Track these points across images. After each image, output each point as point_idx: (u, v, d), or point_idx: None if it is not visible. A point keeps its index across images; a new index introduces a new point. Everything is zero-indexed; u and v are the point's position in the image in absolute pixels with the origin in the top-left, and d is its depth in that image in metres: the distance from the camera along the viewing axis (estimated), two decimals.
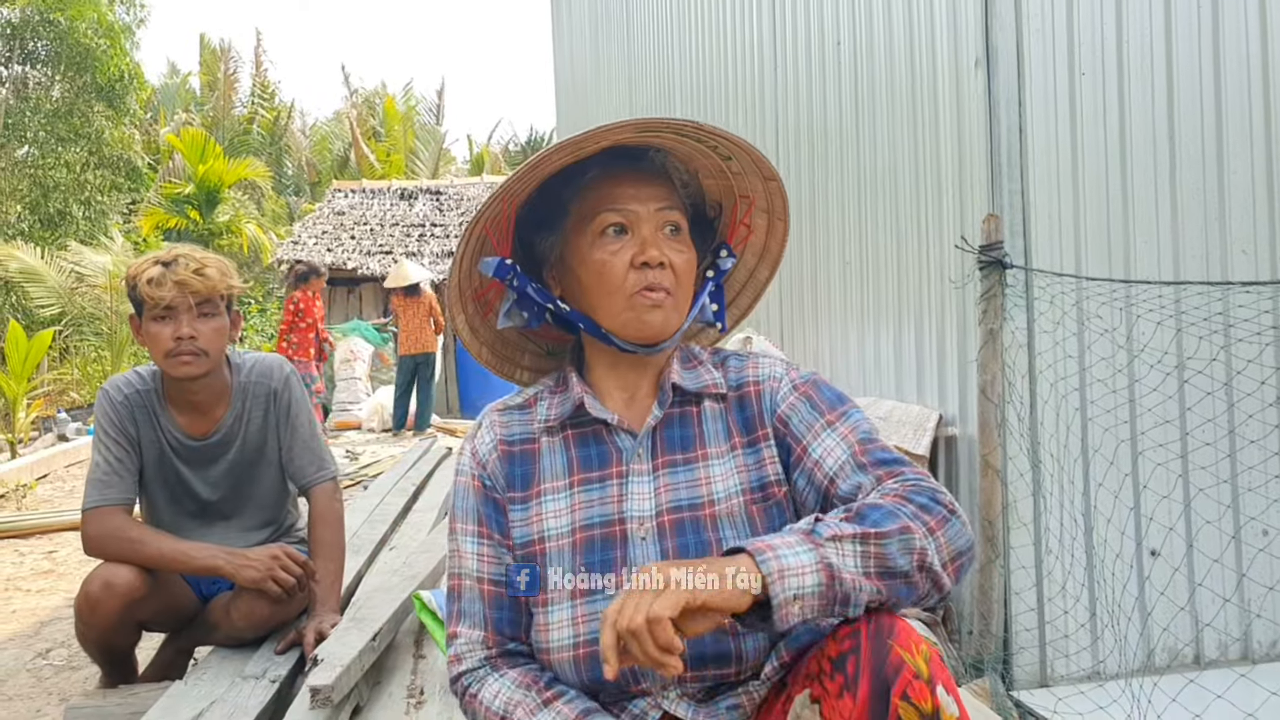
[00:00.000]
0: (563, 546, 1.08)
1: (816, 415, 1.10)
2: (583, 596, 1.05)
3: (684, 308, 1.13)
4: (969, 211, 2.72)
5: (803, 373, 1.16)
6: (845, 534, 0.90)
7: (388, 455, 7.07)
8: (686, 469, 1.10)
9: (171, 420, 2.18)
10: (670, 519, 1.07)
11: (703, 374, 1.16)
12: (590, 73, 8.55)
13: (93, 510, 2.08)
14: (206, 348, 2.08)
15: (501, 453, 1.15)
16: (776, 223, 1.21)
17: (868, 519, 0.92)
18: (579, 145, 1.06)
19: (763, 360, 1.17)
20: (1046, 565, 2.52)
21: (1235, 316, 2.60)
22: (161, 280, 2.04)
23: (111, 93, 14.14)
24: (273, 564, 2.05)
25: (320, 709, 1.70)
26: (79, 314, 12.13)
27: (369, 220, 13.32)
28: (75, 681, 2.64)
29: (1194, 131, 2.67)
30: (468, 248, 1.14)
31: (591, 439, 1.13)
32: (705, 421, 1.13)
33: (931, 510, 0.95)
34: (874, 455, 1.05)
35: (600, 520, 1.09)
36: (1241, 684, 2.16)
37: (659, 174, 1.15)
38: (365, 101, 24.75)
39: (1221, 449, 2.60)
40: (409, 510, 3.80)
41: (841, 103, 3.58)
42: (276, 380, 2.25)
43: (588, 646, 1.03)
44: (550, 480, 1.13)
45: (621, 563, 1.06)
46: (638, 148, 1.14)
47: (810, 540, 0.89)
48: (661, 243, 1.10)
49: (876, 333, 3.34)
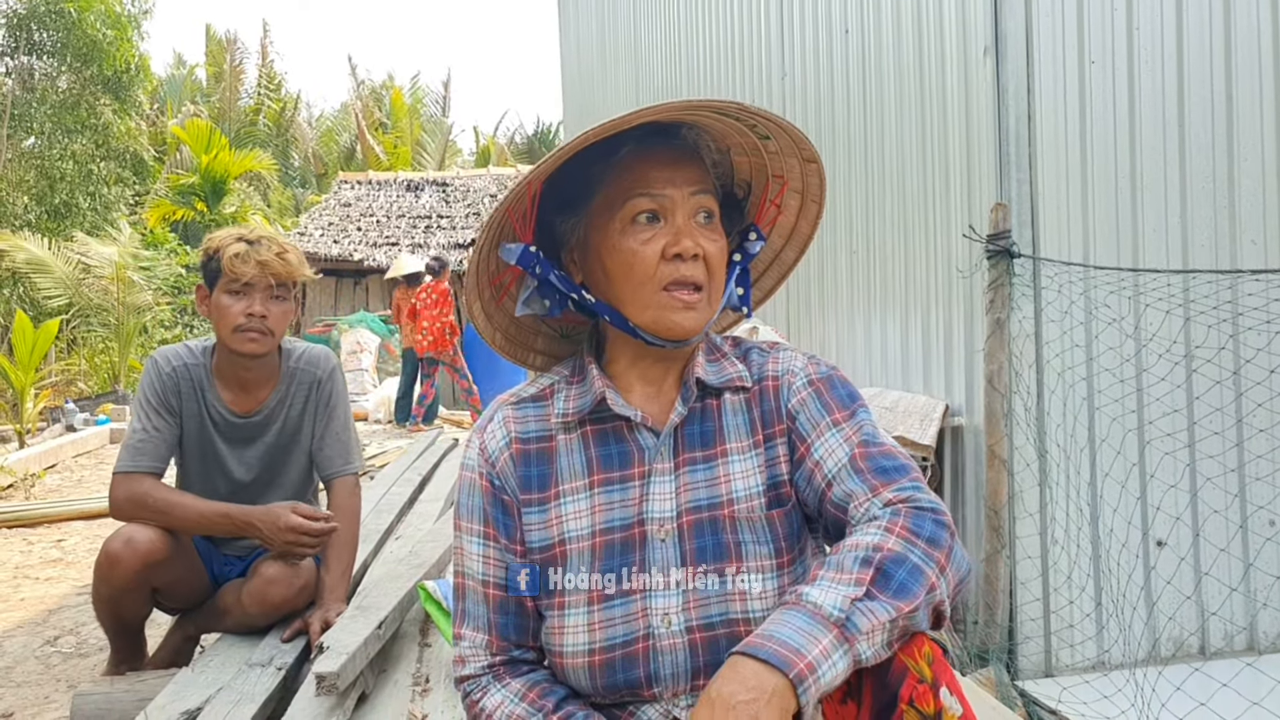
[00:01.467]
0: (583, 550, 1.04)
1: (824, 413, 1.05)
2: (600, 602, 1.02)
3: (716, 301, 1.07)
4: (976, 200, 2.71)
5: (822, 367, 1.10)
6: (880, 622, 0.84)
7: (394, 446, 7.09)
8: (706, 467, 1.06)
9: (217, 396, 2.23)
10: (690, 520, 1.03)
11: (726, 367, 1.10)
12: (597, 63, 8.53)
13: (123, 473, 2.12)
14: (274, 328, 2.15)
15: (515, 452, 1.09)
16: (810, 204, 1.15)
17: (893, 581, 0.86)
18: (618, 128, 0.99)
19: (784, 354, 1.12)
20: (1052, 555, 2.51)
21: (1244, 305, 2.58)
22: (246, 257, 2.09)
23: (118, 84, 14.16)
24: (290, 525, 2.08)
25: (326, 696, 1.70)
26: (86, 305, 12.17)
27: (375, 212, 13.33)
28: (83, 668, 2.66)
29: (1204, 120, 2.65)
30: (489, 233, 1.07)
31: (612, 436, 1.08)
32: (725, 415, 1.09)
33: (939, 543, 0.91)
34: (873, 461, 0.99)
35: (620, 523, 1.04)
36: (1247, 673, 2.16)
37: (692, 153, 1.07)
38: (372, 93, 24.76)
39: (1229, 438, 2.58)
40: (415, 500, 3.81)
41: (849, 90, 3.56)
42: (323, 370, 2.31)
43: (604, 653, 1.01)
44: (569, 481, 1.07)
45: (640, 565, 1.02)
46: (671, 124, 1.06)
47: (845, 639, 0.83)
48: (695, 232, 1.03)
49: (883, 323, 3.33)
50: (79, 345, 12.89)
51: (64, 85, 14.10)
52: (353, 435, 2.35)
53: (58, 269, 12.15)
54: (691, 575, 1.01)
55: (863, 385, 3.45)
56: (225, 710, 1.71)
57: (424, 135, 22.56)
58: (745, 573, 1.01)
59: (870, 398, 3.16)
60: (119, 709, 1.92)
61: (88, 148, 13.99)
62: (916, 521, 0.91)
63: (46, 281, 12.11)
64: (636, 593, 1.02)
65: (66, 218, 13.91)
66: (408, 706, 1.85)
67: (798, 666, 0.80)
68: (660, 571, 1.02)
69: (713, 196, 1.07)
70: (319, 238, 12.48)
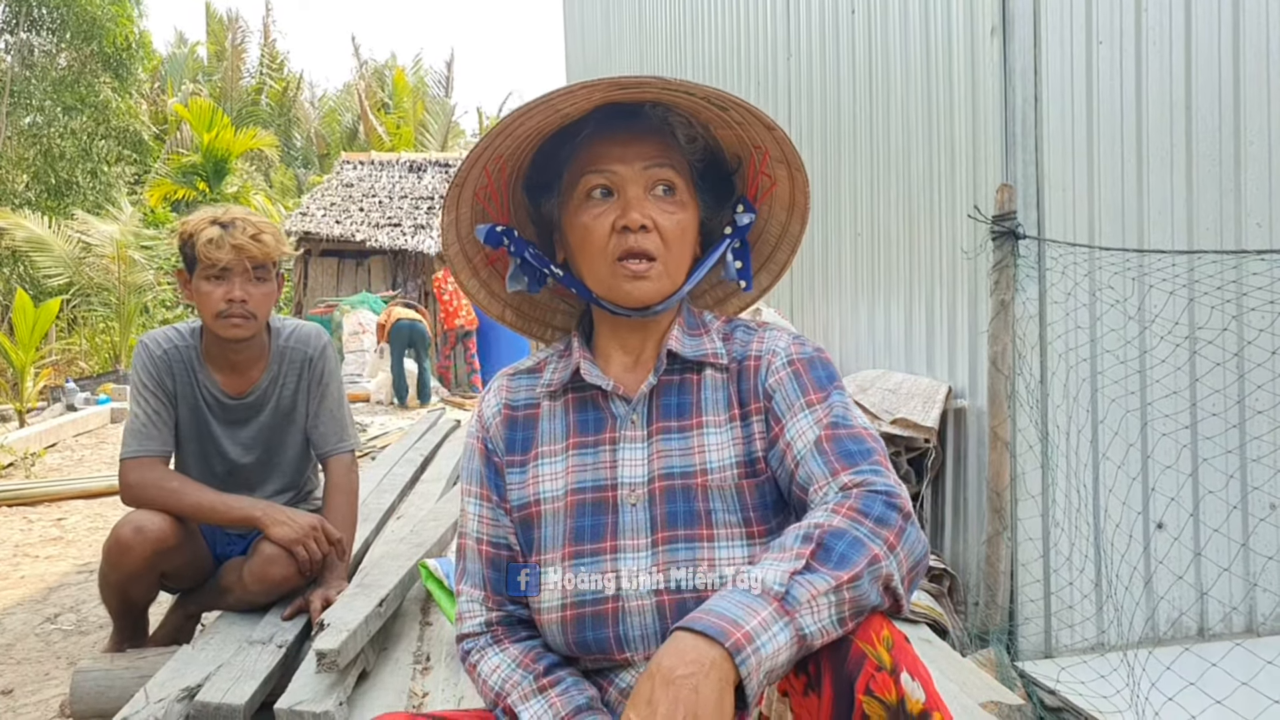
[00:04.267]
0: (557, 510, 1.08)
1: (799, 394, 1.06)
2: (572, 559, 1.05)
3: (676, 272, 1.09)
4: (982, 181, 2.69)
5: (805, 348, 1.12)
6: (820, 590, 0.84)
7: (396, 427, 7.10)
8: (681, 436, 1.08)
9: (209, 377, 2.21)
10: (661, 485, 1.05)
11: (705, 343, 1.13)
12: (601, 43, 8.47)
13: (132, 459, 2.11)
14: (256, 311, 2.12)
15: (505, 417, 1.16)
16: (795, 173, 1.15)
17: (833, 554, 0.86)
18: (551, 106, 1.03)
19: (769, 333, 1.14)
20: (1053, 537, 2.51)
21: (1249, 285, 2.57)
22: (220, 242, 2.05)
23: (118, 62, 14.09)
24: (311, 532, 2.09)
25: (326, 673, 1.71)
26: (87, 284, 12.16)
27: (378, 192, 13.29)
28: (84, 646, 2.67)
29: (1211, 102, 2.62)
30: (458, 214, 1.14)
31: (590, 404, 1.13)
32: (705, 390, 1.11)
33: (888, 522, 0.90)
34: (839, 443, 1.00)
35: (593, 485, 1.08)
36: (1244, 655, 2.16)
37: (655, 131, 1.10)
38: (375, 73, 24.63)
39: (1230, 419, 2.58)
40: (417, 480, 3.82)
41: (855, 70, 3.53)
42: (313, 348, 2.28)
43: (575, 609, 1.03)
44: (548, 444, 1.13)
45: (612, 529, 1.05)
46: (633, 105, 1.10)
47: (785, 612, 0.83)
48: (648, 204, 1.06)
49: (887, 305, 3.32)
50: (80, 324, 12.90)
51: (64, 62, 14.03)
52: (347, 412, 2.34)
53: (58, 248, 12.12)
54: (662, 540, 1.03)
55: (866, 367, 3.44)
56: (226, 687, 1.71)
57: (427, 116, 22.45)
58: (715, 540, 1.02)
59: (873, 380, 3.15)
60: (119, 686, 1.92)
61: (88, 125, 13.93)
62: (866, 502, 0.92)
63: (47, 260, 12.09)
64: (607, 553, 1.04)
65: (67, 196, 13.88)
66: (408, 684, 1.86)
67: (734, 636, 0.80)
68: (631, 535, 1.04)
69: (674, 170, 1.09)
70: (321, 218, 12.45)
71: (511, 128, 1.06)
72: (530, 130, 1.08)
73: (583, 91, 1.02)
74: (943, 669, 2.04)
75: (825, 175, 3.79)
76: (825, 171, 3.79)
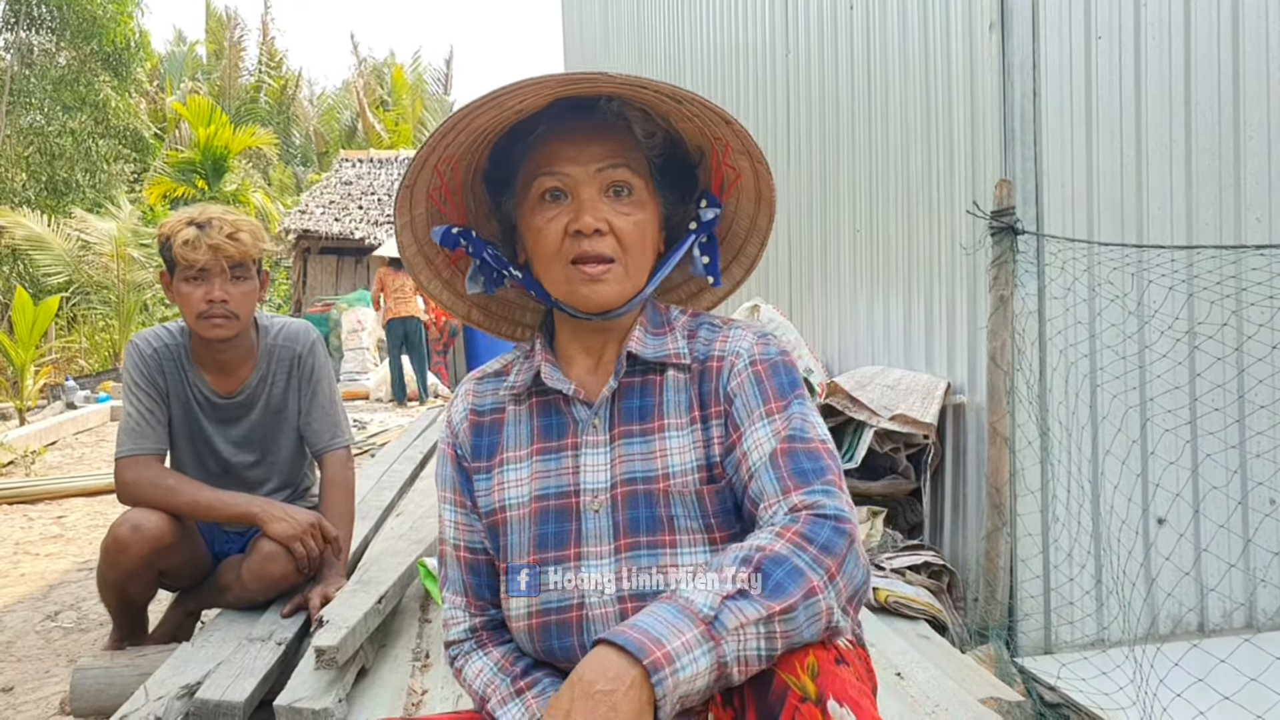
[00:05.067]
0: (522, 516, 1.07)
1: (759, 402, 1.03)
2: (537, 565, 1.04)
3: (637, 273, 1.06)
4: (981, 177, 2.68)
5: (769, 349, 1.08)
6: (749, 619, 0.82)
7: (395, 424, 7.10)
8: (643, 440, 1.06)
9: (199, 376, 2.21)
10: (624, 491, 1.03)
11: (668, 343, 1.09)
12: (600, 42, 8.46)
13: (127, 458, 2.11)
14: (237, 310, 2.11)
15: (471, 423, 1.14)
16: (758, 165, 1.12)
17: (769, 581, 0.84)
18: (500, 103, 1.00)
19: (734, 332, 1.10)
20: (1053, 533, 2.51)
21: (1248, 280, 2.57)
22: (196, 243, 2.04)
23: (118, 60, 14.07)
24: (309, 529, 2.09)
25: (325, 670, 1.71)
26: (86, 282, 12.15)
27: (376, 190, 13.28)
28: (84, 643, 2.67)
29: (1210, 97, 2.62)
30: (412, 215, 1.11)
31: (553, 408, 1.10)
32: (667, 391, 1.07)
33: (832, 549, 0.88)
34: (794, 459, 0.97)
35: (556, 491, 1.06)
36: (1247, 650, 2.16)
37: (612, 127, 1.06)
38: (374, 71, 24.60)
39: (1230, 414, 2.57)
40: (416, 477, 3.82)
41: (854, 66, 3.52)
42: (302, 345, 2.28)
43: (540, 617, 1.03)
44: (513, 449, 1.11)
45: (576, 536, 1.04)
46: (588, 99, 1.06)
47: (711, 636, 0.81)
48: (602, 206, 1.03)
49: (886, 300, 3.31)
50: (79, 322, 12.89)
51: (63, 61, 14.01)
52: (340, 408, 2.33)
53: (57, 246, 12.11)
54: (625, 546, 1.02)
55: (866, 363, 3.44)
56: (225, 684, 1.71)
57: (426, 113, 22.43)
58: (678, 546, 1.01)
59: (873, 376, 3.14)
60: (119, 683, 1.93)
61: (87, 124, 13.92)
62: (813, 528, 0.89)
63: (46, 258, 12.08)
64: (571, 561, 1.03)
65: (66, 194, 13.87)
66: (407, 681, 1.86)
67: (654, 655, 0.78)
68: (595, 542, 1.03)
69: (629, 169, 1.05)
70: (320, 216, 12.44)
71: (460, 126, 1.03)
72: (482, 128, 1.05)
73: (533, 87, 0.99)
74: (942, 665, 2.04)
75: (824, 171, 3.78)
76: (824, 168, 3.78)
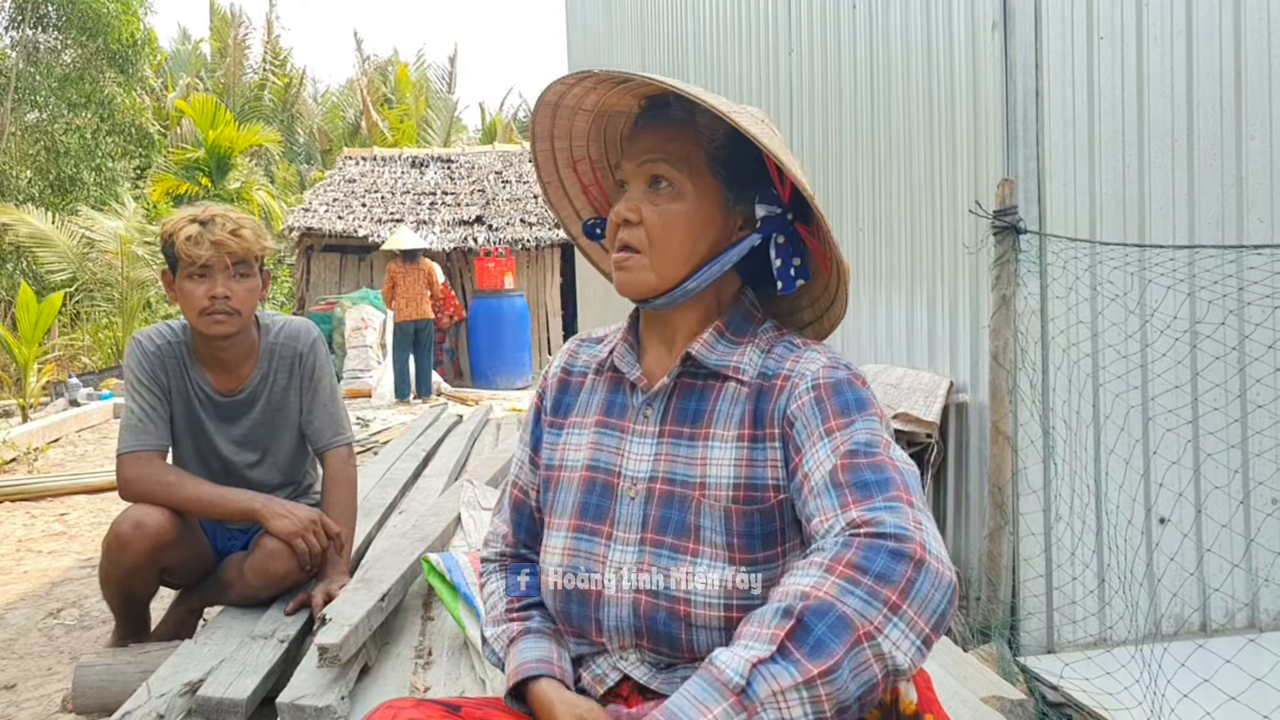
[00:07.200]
0: (573, 479, 1.12)
1: (819, 421, 0.98)
2: (575, 531, 1.09)
3: (665, 266, 1.06)
4: (983, 176, 2.68)
5: (836, 371, 1.02)
6: (784, 685, 0.74)
7: (398, 422, 7.10)
8: (689, 444, 1.06)
9: (201, 375, 2.22)
10: (662, 488, 1.04)
11: (734, 354, 1.07)
12: (604, 39, 8.45)
13: (129, 454, 2.11)
14: (240, 307, 2.12)
15: (560, 379, 1.21)
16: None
17: (810, 637, 0.76)
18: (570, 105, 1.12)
19: (808, 354, 1.05)
20: (1056, 532, 2.51)
21: (1247, 279, 2.56)
22: (199, 239, 2.06)
23: (123, 58, 14.09)
24: (310, 525, 2.09)
25: (328, 668, 1.71)
26: (90, 280, 12.18)
27: (380, 188, 13.28)
28: (86, 641, 2.68)
29: (1212, 96, 2.61)
30: (574, 208, 1.24)
31: (620, 387, 1.15)
32: (723, 401, 1.06)
33: (890, 576, 0.79)
34: (854, 474, 0.91)
35: (604, 466, 1.10)
36: (1250, 650, 2.16)
37: (677, 121, 1.08)
38: (378, 69, 24.61)
39: (1231, 414, 2.57)
40: (419, 475, 3.82)
41: (856, 64, 3.52)
42: (303, 344, 2.28)
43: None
44: (580, 415, 1.16)
45: (611, 516, 1.07)
46: (662, 97, 1.11)
47: (743, 707, 0.74)
48: (638, 197, 1.07)
49: (889, 299, 3.31)
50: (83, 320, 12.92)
51: (69, 59, 14.03)
52: (341, 406, 2.34)
53: (61, 243, 12.13)
54: (651, 541, 1.03)
55: (869, 362, 3.43)
56: (228, 681, 1.72)
57: (429, 112, 22.42)
58: (699, 556, 1.00)
59: (875, 374, 3.14)
60: (121, 680, 1.93)
61: (92, 122, 13.94)
62: (867, 554, 0.81)
63: (50, 255, 12.10)
64: (603, 537, 1.07)
65: (70, 192, 13.89)
66: (410, 678, 1.86)
67: None
68: (625, 527, 1.06)
69: (668, 163, 1.05)
70: (323, 213, 12.44)
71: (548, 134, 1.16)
72: (586, 129, 1.17)
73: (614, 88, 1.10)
74: (944, 664, 2.04)
75: (827, 170, 3.78)
76: (827, 167, 3.78)
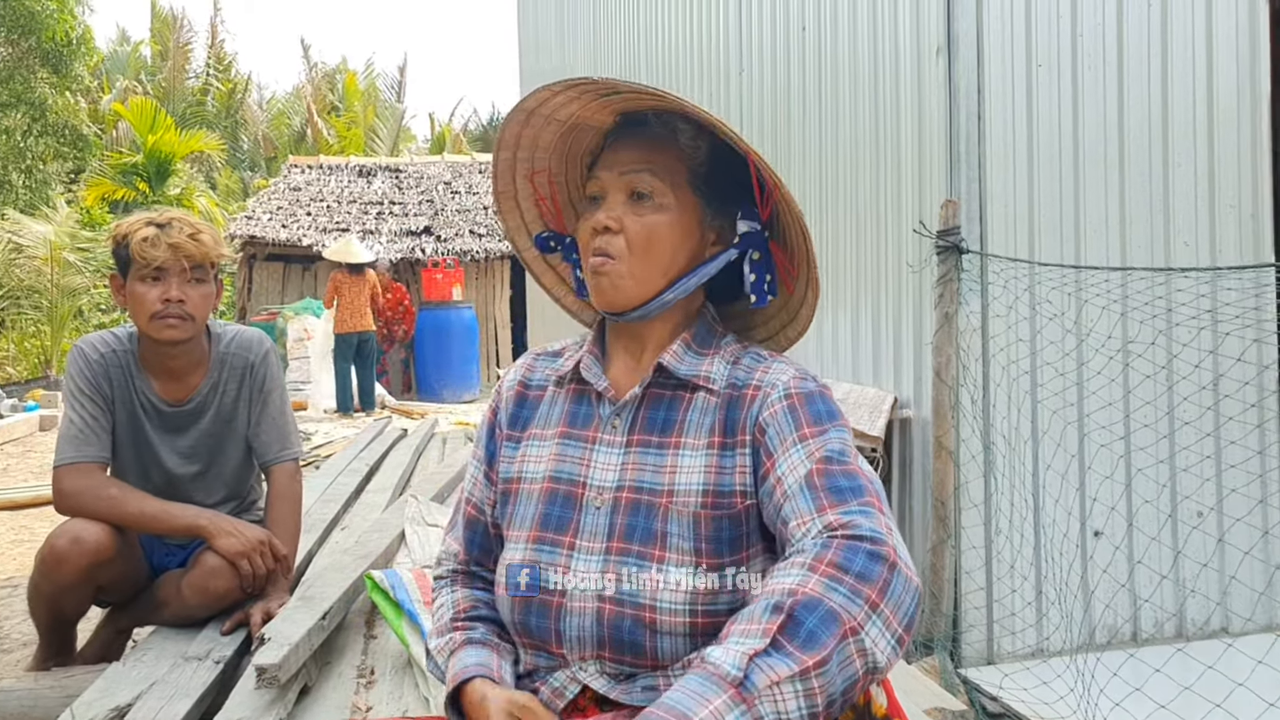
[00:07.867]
0: (533, 491, 1.12)
1: (793, 428, 1.01)
2: (535, 543, 1.08)
3: (644, 276, 1.08)
4: (927, 197, 2.75)
5: (807, 383, 1.06)
6: (781, 676, 0.78)
7: (341, 436, 6.98)
8: (658, 452, 1.07)
9: (147, 384, 2.14)
10: (628, 497, 1.05)
11: (704, 364, 1.10)
12: (556, 55, 8.47)
13: (68, 466, 2.03)
14: (194, 313, 2.06)
15: (516, 393, 1.21)
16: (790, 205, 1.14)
17: (802, 630, 0.79)
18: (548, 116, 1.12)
19: (776, 365, 1.09)
20: (996, 545, 2.56)
21: (1175, 301, 2.67)
22: (156, 241, 2.00)
23: (58, 57, 13.64)
24: (259, 546, 2.04)
25: (266, 689, 1.66)
26: (17, 286, 11.73)
27: (325, 197, 13.08)
28: (5, 664, 2.56)
29: (1141, 124, 2.72)
30: (523, 219, 1.24)
31: (585, 399, 1.15)
32: (692, 411, 1.08)
33: (869, 575, 0.83)
34: (829, 479, 0.95)
35: (567, 477, 1.10)
36: (1179, 659, 2.23)
37: (658, 138, 1.10)
38: (325, 77, 24.29)
39: (1160, 430, 2.66)
40: (362, 491, 3.75)
41: (805, 87, 3.58)
42: (255, 354, 2.23)
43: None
44: (541, 427, 1.16)
45: (575, 526, 1.07)
46: (641, 113, 1.12)
47: (743, 699, 0.77)
48: (619, 207, 1.08)
49: (834, 316, 3.36)
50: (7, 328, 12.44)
51: None
52: (290, 420, 2.29)
53: None
54: (616, 549, 1.03)
55: None
56: (158, 706, 1.65)
57: (377, 120, 22.19)
58: (666, 563, 1.01)
59: None
60: (43, 706, 1.85)
61: (22, 122, 13.45)
62: (847, 554, 0.85)
63: None
64: (564, 547, 1.06)
65: None
66: (351, 698, 1.82)
67: None
68: (589, 537, 1.06)
69: (652, 174, 1.09)
70: (267, 222, 12.20)
71: (513, 142, 1.16)
72: (552, 141, 1.18)
73: (595, 103, 1.10)
74: (889, 675, 2.07)
75: None
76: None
